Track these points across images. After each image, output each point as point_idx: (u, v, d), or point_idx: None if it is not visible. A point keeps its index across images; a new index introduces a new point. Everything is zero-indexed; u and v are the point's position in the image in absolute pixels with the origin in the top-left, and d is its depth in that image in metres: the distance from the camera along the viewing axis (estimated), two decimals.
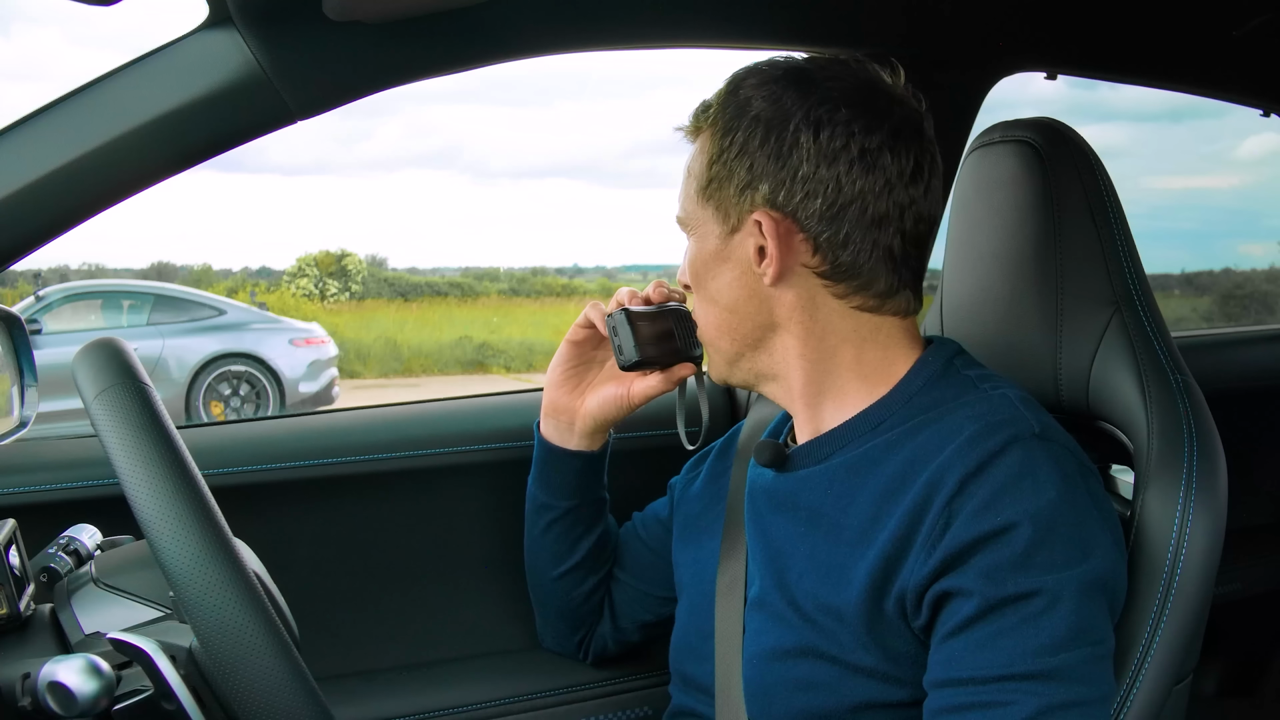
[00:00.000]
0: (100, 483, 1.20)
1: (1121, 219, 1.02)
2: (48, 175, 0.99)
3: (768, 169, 0.90)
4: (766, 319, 0.94)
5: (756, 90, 0.92)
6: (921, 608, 0.83)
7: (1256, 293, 14.38)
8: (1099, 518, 0.84)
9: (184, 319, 8.41)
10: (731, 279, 0.94)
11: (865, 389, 0.94)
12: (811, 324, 0.93)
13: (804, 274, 0.92)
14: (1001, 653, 0.79)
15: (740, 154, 0.91)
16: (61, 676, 0.72)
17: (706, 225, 0.95)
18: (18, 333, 0.97)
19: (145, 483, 0.70)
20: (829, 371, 0.95)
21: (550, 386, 1.20)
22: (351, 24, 1.04)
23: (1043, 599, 0.79)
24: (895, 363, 0.95)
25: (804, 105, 0.90)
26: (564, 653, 1.32)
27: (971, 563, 0.81)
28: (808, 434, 0.98)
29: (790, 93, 0.91)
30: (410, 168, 32.70)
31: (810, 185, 0.89)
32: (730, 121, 0.92)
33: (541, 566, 1.25)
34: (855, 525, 0.89)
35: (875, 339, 0.94)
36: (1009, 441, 0.84)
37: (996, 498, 0.81)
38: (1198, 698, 1.49)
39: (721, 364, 1.00)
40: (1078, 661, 0.79)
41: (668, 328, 1.11)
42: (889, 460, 0.89)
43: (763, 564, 0.97)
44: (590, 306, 1.16)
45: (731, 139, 0.92)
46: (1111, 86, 1.86)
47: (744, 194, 0.92)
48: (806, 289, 0.92)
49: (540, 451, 1.22)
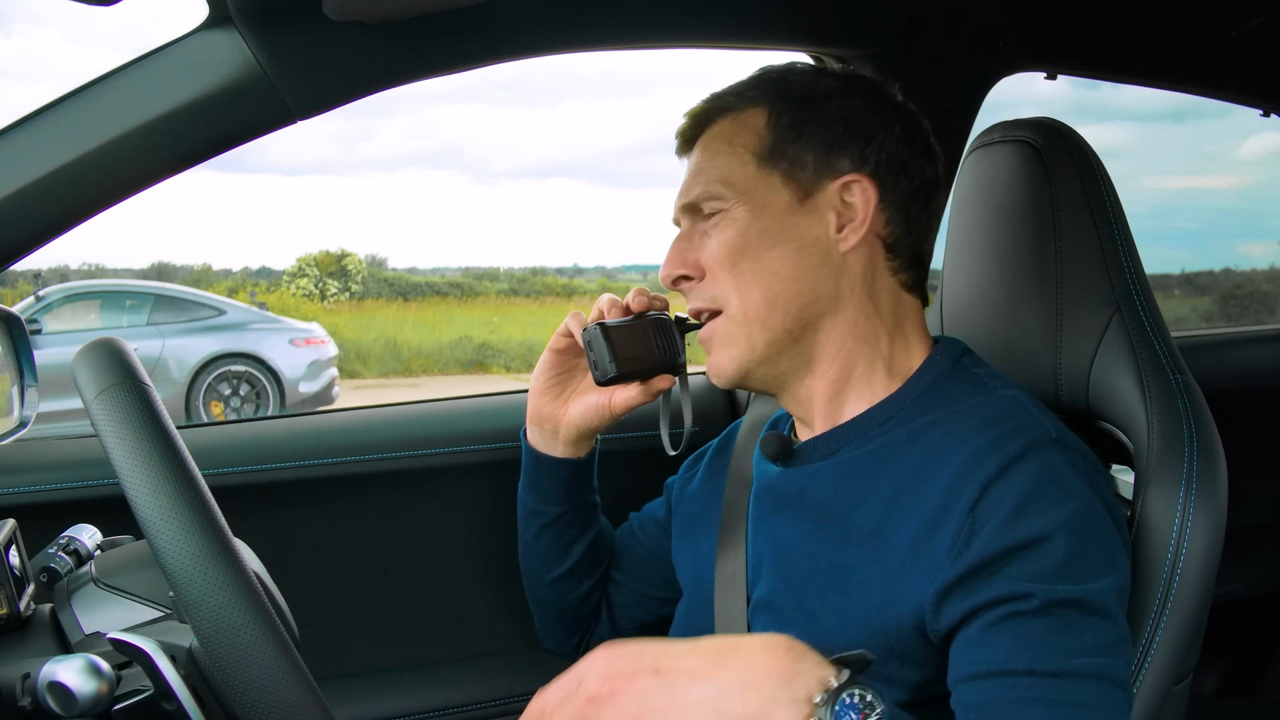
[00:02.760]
0: (100, 483, 1.20)
1: (1121, 219, 1.02)
2: (48, 175, 0.99)
3: (851, 141, 0.94)
4: (830, 289, 0.94)
5: (817, 77, 0.98)
6: (942, 612, 0.82)
7: (1256, 293, 14.37)
8: (1115, 523, 0.85)
9: (184, 319, 8.41)
10: (799, 247, 0.94)
11: (885, 380, 0.96)
12: (866, 296, 0.95)
13: (874, 244, 0.96)
14: (1054, 651, 0.78)
15: (819, 126, 0.95)
16: (61, 676, 0.72)
17: (768, 194, 0.94)
18: (18, 333, 0.97)
19: (145, 483, 0.70)
20: (864, 356, 0.96)
21: (534, 394, 1.19)
22: (351, 24, 1.04)
23: (1083, 608, 0.79)
24: (914, 355, 0.97)
25: (871, 93, 0.97)
26: (563, 654, 1.32)
27: (1004, 571, 0.80)
28: (818, 429, 0.98)
29: (855, 82, 0.98)
30: (411, 167, 32.72)
31: (896, 163, 0.95)
32: (795, 98, 0.96)
33: (536, 571, 1.25)
34: (865, 526, 0.89)
35: (904, 325, 0.97)
36: (1028, 447, 0.84)
37: (1025, 505, 0.81)
38: (1198, 698, 1.50)
39: (749, 353, 0.95)
40: (1121, 665, 0.80)
41: (646, 339, 1.08)
42: (900, 459, 0.89)
43: (771, 566, 0.97)
44: (570, 317, 1.14)
45: (805, 113, 0.95)
46: (1114, 86, 1.88)
47: (824, 162, 0.94)
48: (871, 259, 0.95)
49: (527, 459, 1.21)
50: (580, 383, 1.18)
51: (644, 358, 1.08)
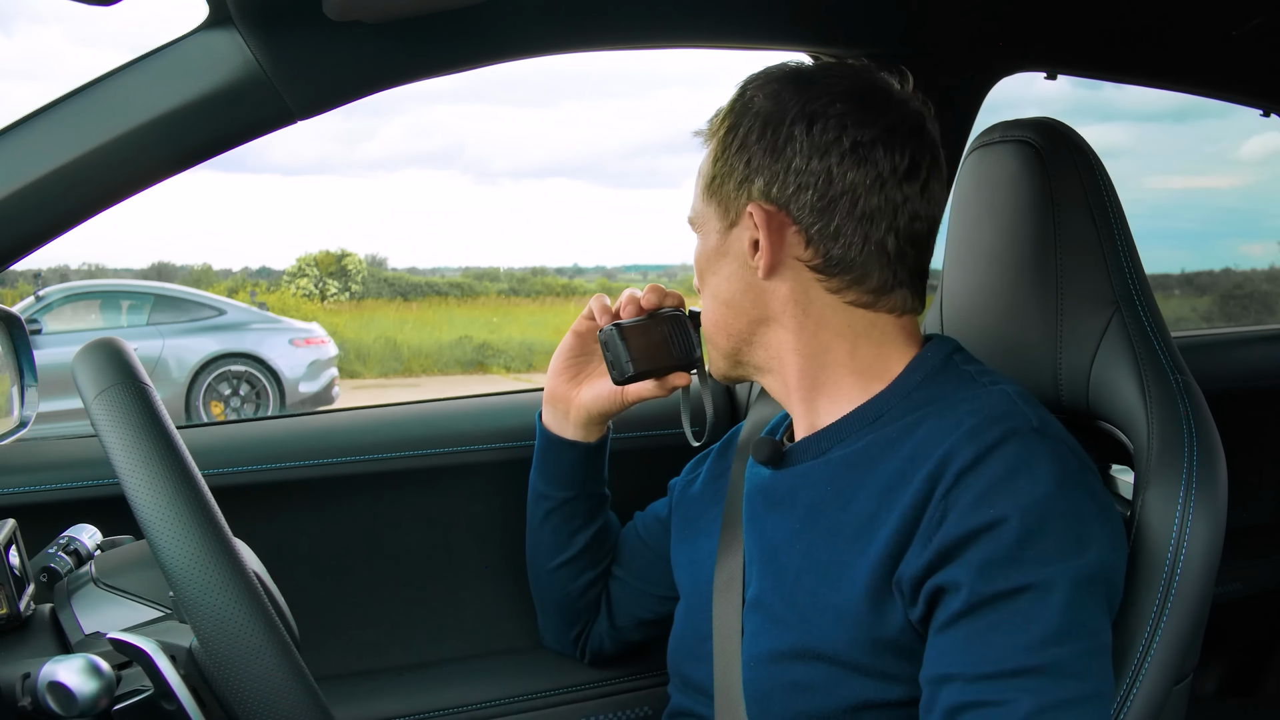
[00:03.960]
0: (100, 483, 1.20)
1: (1121, 219, 1.02)
2: (48, 175, 0.99)
3: (764, 163, 0.92)
4: (761, 313, 0.96)
5: (760, 89, 0.95)
6: (918, 600, 0.83)
7: (1256, 293, 14.37)
8: (1096, 513, 0.84)
9: (184, 319, 8.41)
10: (729, 273, 0.97)
11: (860, 385, 0.95)
12: (804, 318, 0.94)
13: (797, 267, 0.93)
14: (993, 648, 0.78)
15: (740, 149, 0.94)
16: (61, 676, 0.72)
17: (710, 222, 0.98)
18: (18, 333, 0.97)
19: (145, 483, 0.70)
20: (824, 366, 0.96)
21: (551, 374, 1.22)
22: (351, 24, 1.04)
23: (1034, 593, 0.79)
24: (890, 359, 0.95)
25: (800, 100, 0.92)
26: (562, 650, 1.33)
27: (965, 556, 0.81)
28: (804, 430, 0.98)
29: (789, 89, 0.93)
30: (411, 167, 32.71)
31: (803, 177, 0.91)
32: (734, 120, 0.95)
33: (539, 557, 1.26)
34: (854, 522, 0.89)
35: (869, 335, 0.95)
36: (1006, 435, 0.84)
37: (990, 491, 0.81)
38: (1198, 698, 1.50)
39: (720, 360, 1.03)
40: (1072, 656, 0.78)
41: (662, 336, 1.11)
42: (890, 458, 0.89)
43: (760, 565, 0.97)
44: (594, 299, 1.17)
45: (734, 136, 0.94)
46: (1116, 86, 1.88)
47: (742, 188, 0.94)
48: (800, 283, 0.94)
49: (540, 440, 1.24)
50: (597, 367, 1.21)
51: (660, 356, 1.11)
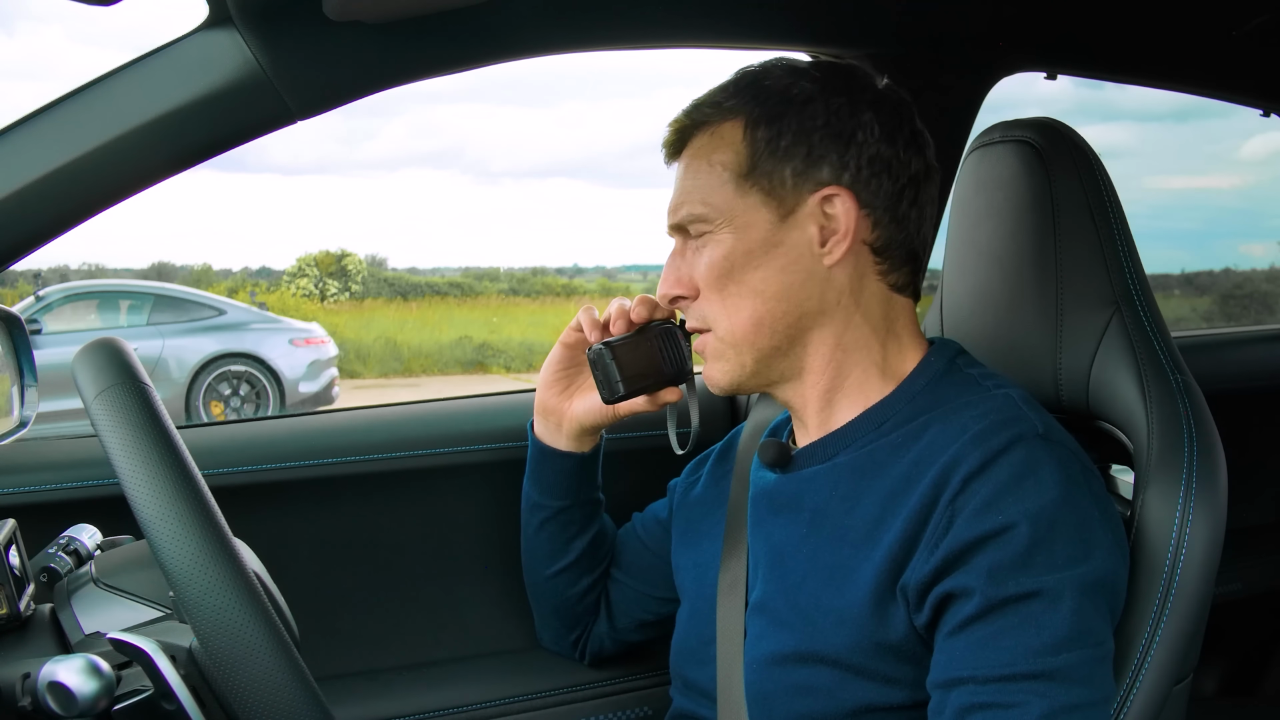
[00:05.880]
0: (100, 483, 1.20)
1: (1121, 219, 1.01)
2: (48, 175, 0.99)
3: (830, 148, 0.91)
4: (816, 304, 0.94)
5: (793, 78, 0.94)
6: (924, 606, 0.83)
7: (1256, 293, 14.38)
8: (1101, 519, 0.84)
9: (184, 319, 8.41)
10: (783, 265, 0.93)
11: (880, 384, 0.95)
12: (854, 308, 0.94)
13: (860, 251, 0.94)
14: (1005, 651, 0.79)
15: (797, 136, 0.92)
16: (61, 676, 0.72)
17: (748, 214, 0.93)
18: (18, 333, 0.97)
19: (145, 483, 0.70)
20: (856, 364, 0.95)
21: (541, 386, 1.20)
22: (351, 24, 1.04)
23: (1044, 599, 0.79)
24: (907, 356, 0.96)
25: (853, 87, 0.93)
26: (561, 652, 1.32)
27: (973, 562, 0.81)
28: (813, 434, 0.98)
29: (833, 78, 0.93)
30: (412, 167, 32.72)
31: (877, 164, 0.92)
32: (771, 107, 0.92)
33: (536, 564, 1.25)
34: (860, 527, 0.89)
35: (895, 327, 0.96)
36: (1013, 441, 0.84)
37: (998, 497, 0.81)
38: (1198, 698, 1.49)
39: (740, 370, 0.96)
40: (1079, 662, 0.79)
41: (652, 353, 1.07)
42: (895, 463, 0.89)
43: (765, 568, 0.97)
44: (582, 311, 1.14)
45: (781, 123, 0.92)
46: (1118, 86, 1.88)
47: (803, 175, 0.92)
48: (858, 268, 0.94)
49: (532, 450, 1.22)
50: (588, 379, 1.19)
51: (651, 374, 1.08)
